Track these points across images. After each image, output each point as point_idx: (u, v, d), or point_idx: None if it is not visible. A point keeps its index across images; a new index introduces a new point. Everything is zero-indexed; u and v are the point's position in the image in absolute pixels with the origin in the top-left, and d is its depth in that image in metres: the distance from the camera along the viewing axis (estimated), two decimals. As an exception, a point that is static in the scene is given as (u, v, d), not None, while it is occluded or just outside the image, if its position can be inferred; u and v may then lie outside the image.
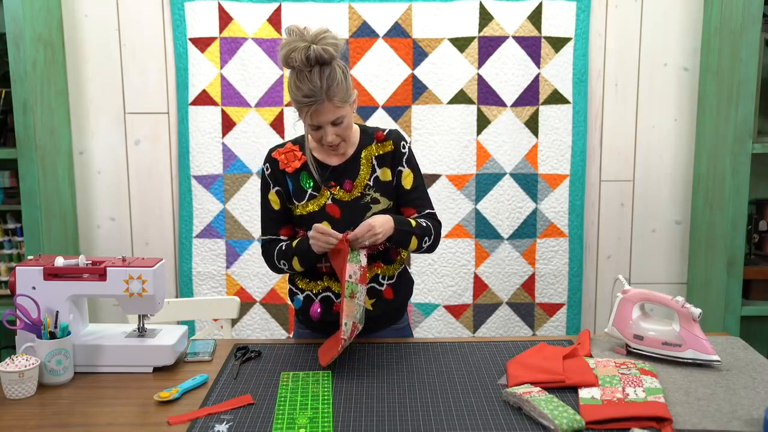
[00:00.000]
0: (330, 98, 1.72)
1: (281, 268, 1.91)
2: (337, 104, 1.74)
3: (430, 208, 1.95)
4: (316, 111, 1.74)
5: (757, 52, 2.57)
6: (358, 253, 1.75)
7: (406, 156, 1.91)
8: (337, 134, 1.79)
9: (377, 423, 1.48)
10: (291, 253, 1.86)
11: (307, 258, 1.83)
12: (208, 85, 2.88)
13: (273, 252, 1.91)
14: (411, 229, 1.84)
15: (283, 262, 1.88)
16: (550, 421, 1.43)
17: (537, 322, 3.01)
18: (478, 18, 2.85)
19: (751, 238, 2.79)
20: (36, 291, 1.74)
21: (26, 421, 1.52)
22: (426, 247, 1.89)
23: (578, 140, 2.93)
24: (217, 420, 1.51)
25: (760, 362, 1.76)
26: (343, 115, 1.77)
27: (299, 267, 1.86)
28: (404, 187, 1.92)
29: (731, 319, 2.69)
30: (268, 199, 1.92)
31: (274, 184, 1.91)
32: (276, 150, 1.92)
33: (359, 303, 1.75)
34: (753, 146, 2.63)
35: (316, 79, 1.70)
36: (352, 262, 1.74)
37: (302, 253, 1.83)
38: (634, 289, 1.84)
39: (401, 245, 1.86)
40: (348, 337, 1.72)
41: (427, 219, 1.91)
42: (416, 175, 1.93)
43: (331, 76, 1.71)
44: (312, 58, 1.69)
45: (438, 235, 1.92)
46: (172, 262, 3.01)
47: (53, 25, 2.77)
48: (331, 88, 1.71)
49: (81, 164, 2.97)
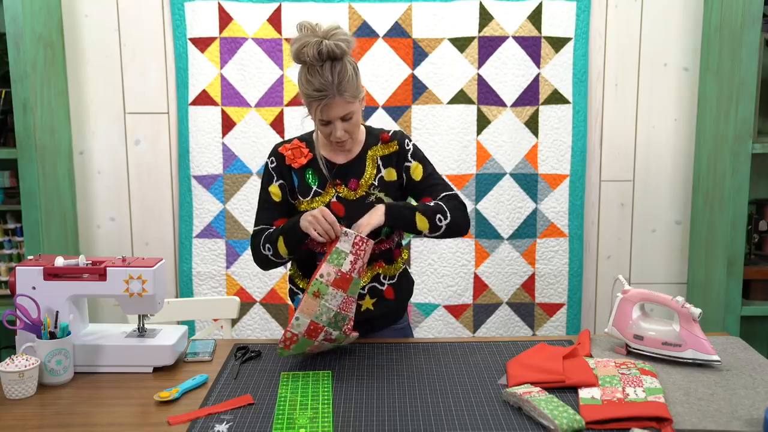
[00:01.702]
0: (341, 93, 1.73)
1: (266, 255, 1.86)
2: (347, 99, 1.75)
3: (448, 190, 1.89)
4: (327, 106, 1.74)
5: (757, 52, 2.57)
6: (343, 256, 1.71)
7: (411, 152, 1.92)
8: (346, 130, 1.80)
9: (377, 423, 1.48)
10: (277, 234, 1.83)
11: (292, 236, 1.79)
12: (208, 85, 2.88)
13: (261, 239, 1.87)
14: (409, 206, 1.81)
15: (269, 246, 1.84)
16: (550, 421, 1.43)
17: (537, 322, 3.01)
18: (478, 18, 2.85)
19: (751, 238, 2.79)
20: (36, 291, 1.74)
21: (26, 421, 1.52)
22: (445, 224, 1.82)
23: (578, 140, 2.93)
24: (217, 420, 1.51)
25: (760, 362, 1.76)
26: (352, 110, 1.78)
27: (283, 249, 1.82)
28: (415, 180, 1.90)
29: (731, 319, 2.69)
30: (269, 191, 1.92)
31: (278, 177, 1.91)
32: (282, 145, 1.93)
33: (327, 305, 1.69)
34: (753, 146, 2.62)
35: (328, 74, 1.71)
36: (331, 263, 1.71)
37: (288, 231, 1.80)
38: (634, 289, 1.84)
39: (407, 225, 1.81)
40: (301, 333, 1.68)
41: (442, 201, 1.86)
42: (425, 164, 1.92)
43: (342, 71, 1.72)
44: (324, 53, 1.70)
45: (459, 211, 1.85)
46: (172, 262, 3.01)
47: (53, 25, 2.76)
48: (342, 83, 1.72)
49: (81, 164, 2.97)
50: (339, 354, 1.85)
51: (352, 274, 1.72)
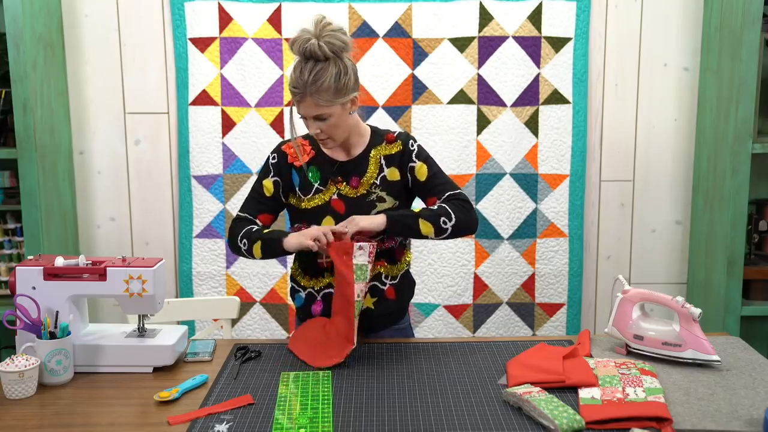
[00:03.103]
0: (312, 94, 1.74)
1: (239, 246, 1.88)
2: (319, 102, 1.75)
3: (452, 189, 1.90)
4: (300, 102, 1.78)
5: (757, 52, 2.57)
6: (364, 269, 1.76)
7: (415, 152, 1.92)
8: (321, 129, 1.81)
9: (377, 423, 1.48)
10: (256, 237, 1.85)
11: (271, 248, 1.83)
12: (208, 85, 2.88)
13: (241, 230, 1.89)
14: (411, 213, 1.82)
15: (245, 242, 1.86)
16: (550, 421, 1.43)
17: (537, 322, 3.01)
18: (478, 18, 2.85)
19: (751, 238, 2.79)
20: (36, 291, 1.74)
21: (26, 421, 1.52)
22: (451, 226, 1.81)
23: (578, 140, 2.93)
24: (217, 420, 1.51)
25: (760, 362, 1.76)
26: (327, 113, 1.78)
27: (258, 253, 1.85)
28: (420, 180, 1.91)
29: (731, 319, 2.69)
30: (262, 184, 1.93)
31: (275, 173, 1.92)
32: (287, 143, 1.94)
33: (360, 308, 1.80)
34: (753, 146, 2.62)
35: (305, 73, 1.73)
36: (359, 281, 1.76)
37: (268, 241, 1.83)
38: (634, 289, 1.84)
39: (409, 231, 1.82)
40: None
41: (445, 202, 1.86)
42: (430, 164, 1.92)
43: (319, 74, 1.73)
44: (307, 52, 1.73)
45: (464, 210, 1.84)
46: (172, 262, 3.01)
47: (53, 25, 2.76)
48: (316, 84, 1.73)
49: (81, 164, 2.97)
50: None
51: (370, 274, 1.81)
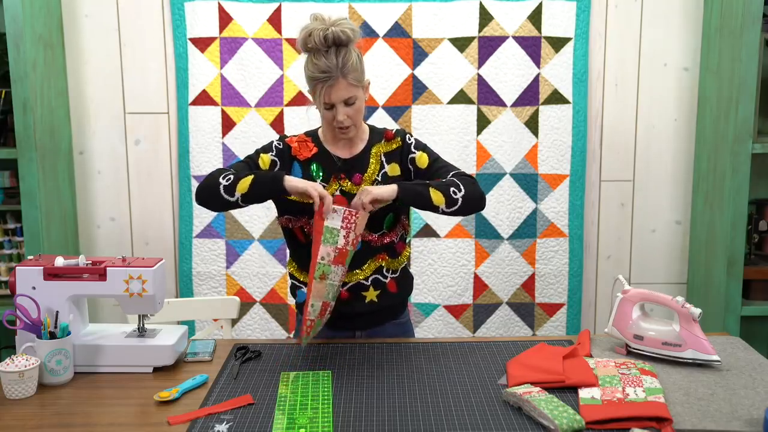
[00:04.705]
0: (344, 75, 1.78)
1: (218, 183, 1.77)
2: (351, 82, 1.79)
3: (455, 169, 1.89)
4: (330, 87, 1.79)
5: (757, 52, 2.57)
6: (335, 233, 1.74)
7: (413, 144, 1.95)
8: (348, 115, 1.83)
9: (377, 423, 1.48)
10: (249, 174, 1.78)
11: (265, 185, 1.75)
12: (208, 85, 2.88)
13: (227, 170, 1.83)
14: (422, 182, 1.81)
15: (231, 177, 1.78)
16: (550, 421, 1.43)
17: (537, 322, 3.01)
18: (478, 18, 2.84)
19: (751, 238, 2.79)
20: (36, 291, 1.74)
21: (26, 421, 1.52)
22: (461, 197, 1.80)
23: (578, 140, 2.93)
24: (217, 420, 1.51)
25: (760, 362, 1.76)
26: (356, 95, 1.82)
27: (243, 188, 1.76)
28: (422, 167, 1.92)
29: (731, 319, 2.69)
30: (260, 155, 1.92)
31: (276, 155, 1.92)
32: (290, 137, 1.96)
33: (332, 282, 1.75)
34: (753, 146, 2.62)
35: (333, 57, 1.77)
36: (327, 243, 1.74)
37: (265, 178, 1.76)
38: (634, 289, 1.84)
39: (421, 200, 1.79)
40: (317, 316, 1.75)
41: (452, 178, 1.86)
42: (429, 152, 1.94)
43: (346, 56, 1.78)
44: (330, 39, 1.76)
45: (471, 184, 1.84)
46: (172, 262, 3.01)
47: (53, 25, 2.76)
48: (347, 66, 1.78)
49: (81, 164, 2.97)
50: (339, 354, 1.85)
51: (347, 247, 1.76)
